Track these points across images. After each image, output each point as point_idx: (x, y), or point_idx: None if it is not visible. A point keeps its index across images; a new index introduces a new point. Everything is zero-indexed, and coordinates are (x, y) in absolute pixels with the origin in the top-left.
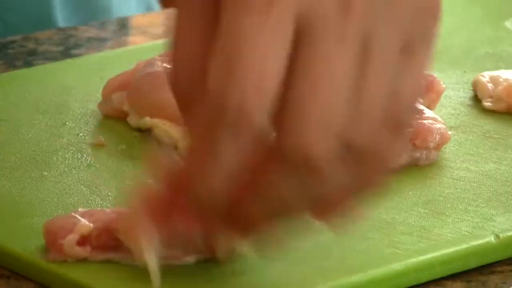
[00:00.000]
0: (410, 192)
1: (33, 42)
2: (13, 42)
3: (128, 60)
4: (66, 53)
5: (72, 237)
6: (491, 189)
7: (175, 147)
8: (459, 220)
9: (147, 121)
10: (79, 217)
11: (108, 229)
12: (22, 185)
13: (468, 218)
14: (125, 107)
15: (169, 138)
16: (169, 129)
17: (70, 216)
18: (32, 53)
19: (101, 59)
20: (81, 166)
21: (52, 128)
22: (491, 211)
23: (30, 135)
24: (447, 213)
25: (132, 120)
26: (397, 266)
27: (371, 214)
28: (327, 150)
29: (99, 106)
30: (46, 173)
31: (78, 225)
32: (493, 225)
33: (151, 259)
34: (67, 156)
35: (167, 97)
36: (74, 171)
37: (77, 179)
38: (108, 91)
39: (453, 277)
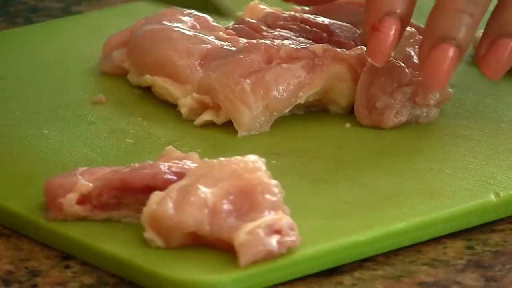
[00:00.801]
0: (410, 150)
1: None
2: None
3: (129, 18)
4: (67, 10)
5: (72, 196)
6: (491, 146)
7: (176, 105)
8: (459, 178)
9: (148, 78)
10: (79, 176)
11: (109, 187)
12: (22, 143)
13: (469, 176)
14: (126, 65)
15: (170, 95)
16: (169, 87)
17: (70, 174)
18: (33, 10)
19: (102, 16)
20: (81, 124)
21: (52, 86)
22: (491, 169)
23: (29, 92)
24: (447, 171)
25: (132, 77)
26: (398, 224)
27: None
28: None
29: (99, 63)
30: (46, 131)
31: (78, 184)
32: (494, 183)
33: None
34: (67, 113)
35: (167, 54)
36: (75, 129)
37: (77, 137)
38: (109, 49)
39: (454, 235)
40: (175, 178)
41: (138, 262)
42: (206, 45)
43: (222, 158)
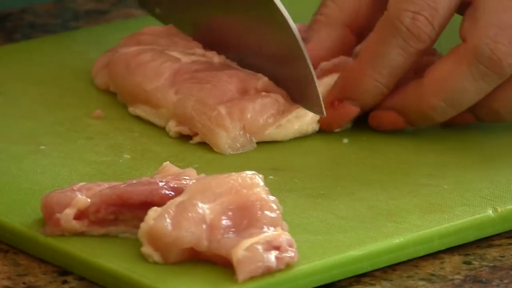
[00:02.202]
0: (407, 165)
1: (31, 15)
2: (11, 14)
3: (127, 34)
4: (65, 26)
5: (70, 211)
6: (489, 162)
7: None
8: (457, 194)
9: (132, 111)
10: (76, 192)
11: (106, 203)
12: (19, 159)
13: (466, 191)
14: (111, 88)
15: (157, 122)
16: (149, 117)
17: (67, 190)
18: (31, 26)
19: (99, 32)
20: (79, 139)
21: (50, 102)
22: (488, 184)
23: (27, 108)
24: (445, 186)
25: (120, 100)
26: (395, 240)
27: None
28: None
29: (94, 81)
30: (43, 146)
31: (75, 200)
32: (491, 198)
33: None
34: (64, 129)
35: (137, 81)
36: (72, 145)
37: (75, 153)
38: (96, 70)
39: (451, 250)
40: (172, 193)
41: (136, 278)
42: (175, 63)
43: (219, 174)
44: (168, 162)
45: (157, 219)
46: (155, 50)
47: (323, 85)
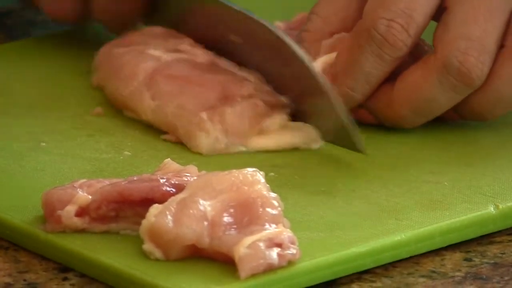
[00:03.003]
0: (406, 162)
1: (32, 12)
2: (11, 12)
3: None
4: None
5: (71, 208)
6: (489, 159)
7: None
8: (457, 191)
9: (125, 113)
10: (77, 188)
11: (107, 200)
12: (20, 156)
13: (467, 188)
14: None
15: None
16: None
17: (68, 187)
18: (31, 23)
19: (100, 29)
20: (79, 137)
21: (50, 99)
22: (489, 181)
23: (27, 106)
24: (445, 183)
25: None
26: (397, 236)
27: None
28: (481, 66)
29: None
30: (44, 144)
31: (76, 197)
32: (492, 195)
33: None
34: (65, 126)
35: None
36: (72, 142)
37: (75, 150)
38: (96, 65)
39: (452, 247)
40: (173, 190)
41: (137, 274)
42: (152, 62)
43: (220, 171)
44: (169, 159)
45: (158, 216)
46: (135, 51)
47: (321, 62)
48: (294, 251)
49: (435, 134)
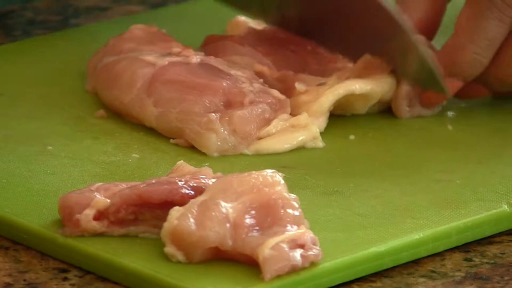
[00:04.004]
0: (417, 161)
1: (32, 12)
2: (11, 11)
3: (125, 30)
4: (65, 23)
5: (89, 212)
6: (498, 157)
7: None
8: (470, 189)
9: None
10: (94, 192)
11: (127, 203)
12: (28, 160)
13: (479, 186)
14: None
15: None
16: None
17: (85, 191)
18: (31, 23)
19: (100, 29)
20: (85, 140)
21: (52, 101)
22: (500, 179)
23: (29, 108)
24: (457, 182)
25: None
26: (415, 235)
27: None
28: None
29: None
30: (50, 147)
31: (94, 200)
32: (505, 193)
33: None
34: (69, 129)
35: (114, 95)
36: (79, 145)
37: (83, 153)
38: (88, 73)
39: (452, 248)
40: (192, 193)
41: (161, 278)
42: (149, 68)
43: (240, 173)
44: (182, 161)
45: (180, 218)
46: (129, 59)
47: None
48: (317, 252)
49: (441, 133)
